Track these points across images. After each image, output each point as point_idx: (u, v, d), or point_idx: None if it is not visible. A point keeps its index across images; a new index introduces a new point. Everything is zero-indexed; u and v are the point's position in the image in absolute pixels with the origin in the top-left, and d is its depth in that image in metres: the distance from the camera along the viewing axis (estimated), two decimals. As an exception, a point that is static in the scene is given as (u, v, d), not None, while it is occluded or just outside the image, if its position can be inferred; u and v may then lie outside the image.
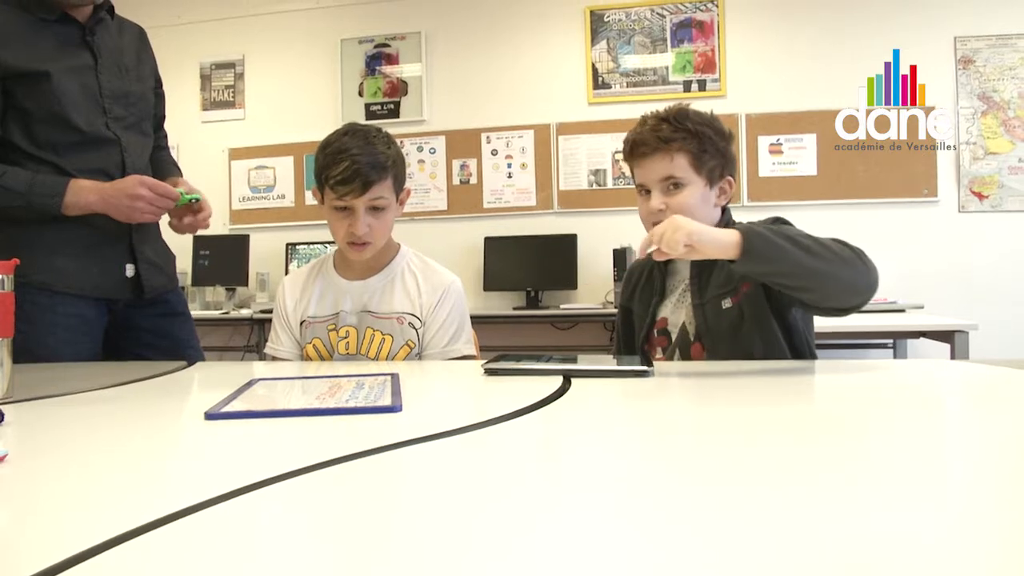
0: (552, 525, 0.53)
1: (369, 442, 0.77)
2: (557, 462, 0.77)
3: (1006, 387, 1.15)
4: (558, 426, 0.92)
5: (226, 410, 0.96)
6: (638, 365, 1.28)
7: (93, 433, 0.94)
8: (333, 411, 0.96)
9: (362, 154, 1.55)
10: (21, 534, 0.55)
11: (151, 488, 0.67)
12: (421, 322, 1.64)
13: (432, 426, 0.85)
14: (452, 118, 4.78)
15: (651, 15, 4.60)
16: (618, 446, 0.81)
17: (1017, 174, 4.26)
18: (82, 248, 1.72)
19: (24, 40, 1.68)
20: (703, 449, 0.77)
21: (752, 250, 1.24)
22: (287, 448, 0.81)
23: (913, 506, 0.55)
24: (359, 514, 0.58)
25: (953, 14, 4.30)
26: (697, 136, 1.54)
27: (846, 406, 1.05)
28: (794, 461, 0.71)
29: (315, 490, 0.64)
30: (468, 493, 0.63)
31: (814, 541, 0.48)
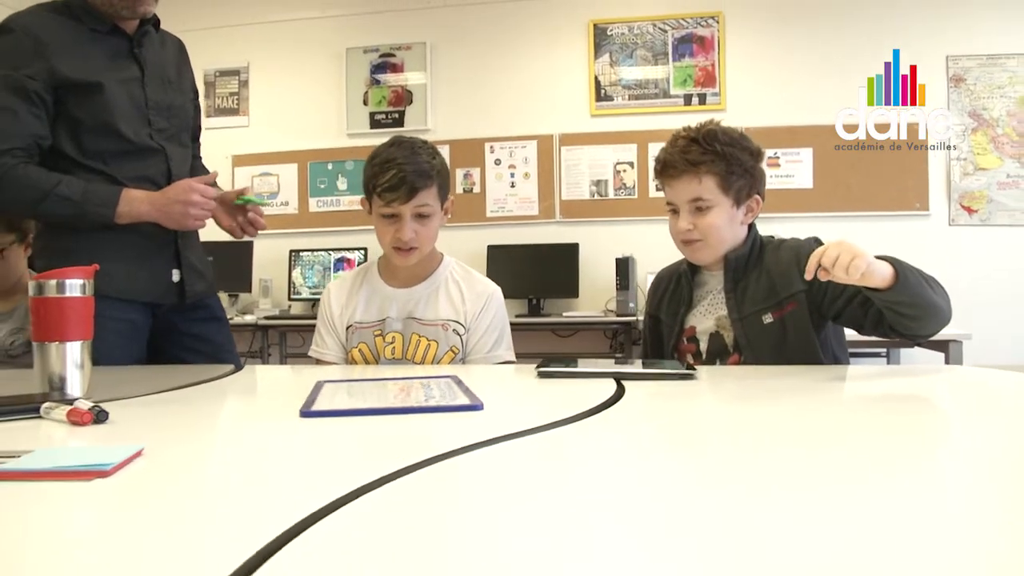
0: (663, 512, 0.60)
1: (466, 438, 0.84)
2: (644, 457, 0.84)
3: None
4: (631, 424, 1.00)
5: (318, 408, 1.02)
6: (682, 369, 1.36)
7: (201, 429, 1.00)
8: (419, 409, 1.03)
9: (408, 163, 1.62)
10: (204, 525, 0.62)
11: (300, 480, 0.73)
12: (465, 329, 1.71)
13: (514, 424, 0.92)
14: (456, 128, 4.85)
15: (653, 29, 4.70)
16: (692, 443, 0.89)
17: (1006, 189, 4.39)
18: (131, 254, 1.77)
19: (78, 51, 1.73)
20: (763, 449, 0.85)
21: (905, 283, 1.35)
22: (396, 443, 0.88)
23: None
24: (487, 502, 0.65)
25: (946, 34, 4.43)
26: (725, 158, 1.61)
27: (905, 410, 1.13)
28: (870, 465, 0.79)
29: (443, 480, 0.71)
30: (571, 485, 0.70)
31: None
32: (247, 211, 1.90)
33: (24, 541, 0.55)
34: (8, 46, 1.68)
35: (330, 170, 4.95)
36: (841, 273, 1.30)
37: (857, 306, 1.52)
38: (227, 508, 0.63)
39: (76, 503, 0.63)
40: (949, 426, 1.04)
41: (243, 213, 1.91)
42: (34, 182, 1.66)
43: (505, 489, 0.68)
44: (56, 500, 0.63)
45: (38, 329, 1.17)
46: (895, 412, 1.11)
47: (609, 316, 4.44)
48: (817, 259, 1.33)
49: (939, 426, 1.04)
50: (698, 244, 1.65)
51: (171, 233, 1.84)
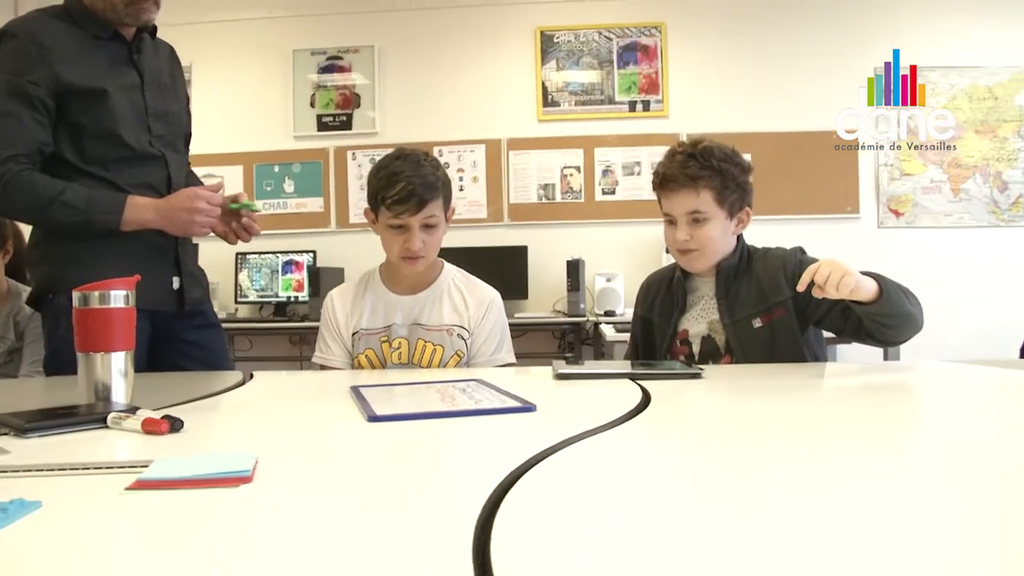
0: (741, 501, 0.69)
1: (536, 436, 0.90)
2: (707, 449, 0.92)
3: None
4: (679, 421, 1.08)
5: (383, 413, 1.06)
6: (688, 369, 1.46)
7: (277, 434, 1.03)
8: (479, 412, 1.09)
9: (415, 176, 1.67)
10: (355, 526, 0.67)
11: (449, 472, 0.79)
12: (469, 333, 1.77)
13: (571, 423, 0.98)
14: (405, 131, 4.87)
15: (599, 37, 4.82)
16: (744, 436, 0.97)
17: (929, 194, 4.68)
18: (134, 261, 1.75)
19: (81, 57, 1.72)
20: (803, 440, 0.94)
21: (888, 298, 1.50)
22: (489, 443, 0.94)
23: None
24: (600, 492, 0.72)
25: (874, 48, 4.68)
26: (721, 173, 1.72)
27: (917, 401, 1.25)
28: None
29: (554, 472, 0.77)
30: (654, 476, 0.77)
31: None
32: (241, 216, 1.91)
33: (237, 543, 0.59)
34: (11, 51, 1.66)
35: (277, 172, 4.90)
36: (832, 290, 1.45)
37: (838, 314, 1.66)
38: (407, 498, 0.68)
39: (253, 506, 0.67)
40: (952, 414, 1.16)
41: (237, 218, 1.92)
42: (39, 189, 1.64)
43: (627, 475, 0.75)
44: (230, 504, 0.67)
45: (83, 340, 1.18)
46: (916, 403, 1.23)
47: (558, 317, 4.55)
48: (810, 275, 1.47)
49: (948, 414, 1.15)
50: (695, 254, 1.75)
51: (171, 240, 1.84)
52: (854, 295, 1.47)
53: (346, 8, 4.91)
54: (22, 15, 1.76)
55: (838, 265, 1.46)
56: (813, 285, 1.47)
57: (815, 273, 1.45)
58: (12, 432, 0.98)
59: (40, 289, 1.77)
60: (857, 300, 1.50)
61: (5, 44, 1.67)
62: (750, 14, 4.76)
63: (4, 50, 1.67)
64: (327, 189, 4.88)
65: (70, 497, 0.69)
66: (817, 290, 1.46)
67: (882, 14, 4.71)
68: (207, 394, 1.36)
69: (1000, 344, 3.52)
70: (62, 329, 1.72)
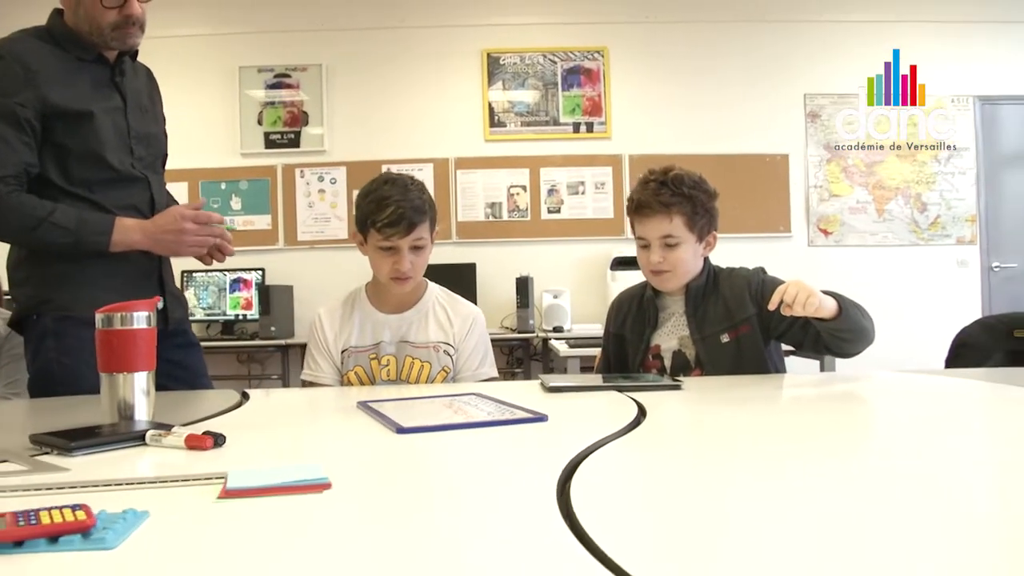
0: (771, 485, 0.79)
1: (568, 440, 0.99)
2: (720, 443, 1.02)
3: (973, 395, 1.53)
4: (681, 426, 1.18)
5: (411, 425, 1.13)
6: (668, 381, 1.58)
7: (318, 448, 1.09)
8: (497, 423, 1.17)
9: (404, 200, 1.74)
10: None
11: (502, 474, 0.86)
12: (455, 349, 1.84)
13: (587, 430, 1.07)
14: (353, 149, 4.91)
15: (543, 60, 4.96)
16: (747, 439, 1.08)
17: (856, 214, 4.96)
18: (121, 282, 1.77)
19: (66, 79, 1.73)
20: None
21: (847, 314, 1.65)
22: (525, 446, 1.02)
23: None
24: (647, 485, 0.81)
25: (803, 74, 4.95)
26: (691, 200, 1.84)
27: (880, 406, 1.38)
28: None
29: (601, 464, 0.86)
30: (682, 466, 0.87)
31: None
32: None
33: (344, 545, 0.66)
34: (1, 72, 1.65)
35: (223, 190, 4.87)
36: (799, 308, 1.59)
37: (798, 329, 1.80)
38: (484, 486, 0.75)
39: (346, 508, 0.74)
40: (914, 416, 1.29)
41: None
42: (28, 210, 1.65)
43: (661, 465, 0.84)
44: (322, 507, 0.73)
45: (106, 360, 1.21)
46: (880, 406, 1.36)
47: (507, 333, 4.64)
48: (780, 296, 1.60)
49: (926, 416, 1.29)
50: (667, 275, 1.86)
51: (155, 261, 1.86)
52: (818, 313, 1.60)
53: (293, 26, 4.93)
54: (6, 36, 1.76)
55: (804, 286, 1.59)
56: (782, 304, 1.60)
57: (784, 293, 1.59)
58: (55, 451, 1.01)
59: (25, 310, 1.76)
60: (819, 317, 1.64)
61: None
62: (688, 41, 4.97)
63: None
64: (275, 207, 4.88)
65: (170, 507, 0.74)
66: (786, 308, 1.59)
67: (809, 43, 4.97)
68: (212, 414, 1.39)
69: (922, 355, 3.76)
70: (50, 350, 1.73)
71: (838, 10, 4.95)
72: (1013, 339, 3.09)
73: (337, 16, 4.93)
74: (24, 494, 0.80)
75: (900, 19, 4.92)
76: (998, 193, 5.06)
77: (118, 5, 1.72)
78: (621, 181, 4.91)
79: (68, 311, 1.71)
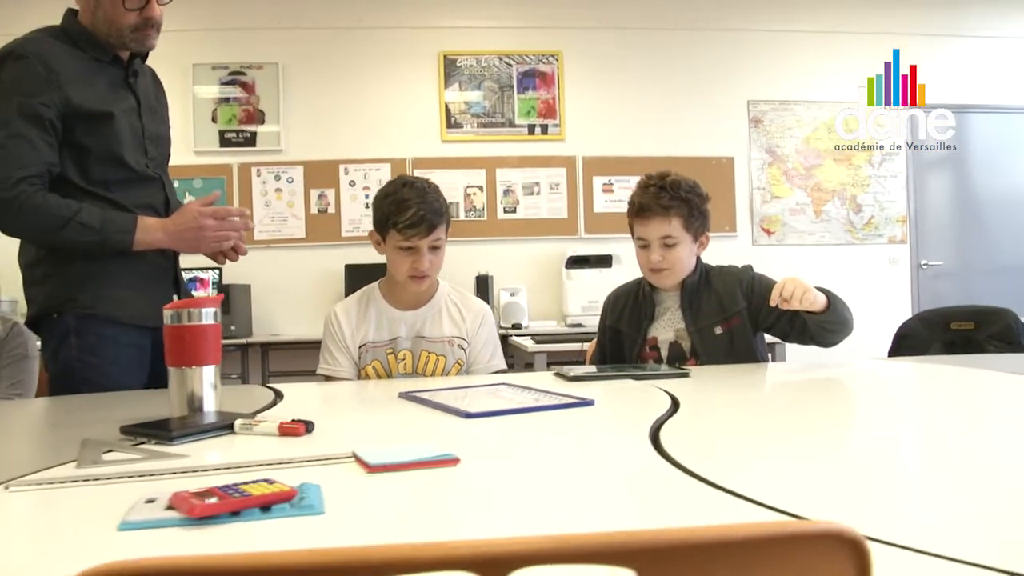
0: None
1: (631, 418, 1.10)
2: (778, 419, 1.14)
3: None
4: (714, 402, 1.30)
5: (477, 411, 1.22)
6: (676, 370, 1.71)
7: (403, 431, 1.17)
8: (552, 407, 1.26)
9: (423, 203, 1.82)
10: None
11: (591, 439, 0.96)
12: (468, 343, 1.93)
13: (638, 411, 1.19)
14: (311, 148, 4.92)
15: (499, 63, 5.06)
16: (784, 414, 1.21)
17: (796, 215, 5.21)
18: (140, 280, 1.80)
19: (87, 80, 1.75)
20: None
21: (835, 307, 1.79)
22: (592, 423, 1.12)
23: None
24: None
25: (747, 81, 5.18)
26: (687, 203, 1.98)
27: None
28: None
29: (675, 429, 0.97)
30: (740, 428, 0.99)
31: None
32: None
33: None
34: (22, 73, 1.67)
35: (177, 188, 4.78)
36: (796, 303, 1.73)
37: (785, 321, 1.95)
38: (585, 448, 0.85)
39: (483, 478, 0.82)
40: (910, 394, 1.44)
41: None
42: (54, 210, 1.66)
43: (725, 428, 0.95)
44: (463, 478, 0.82)
45: (176, 355, 1.25)
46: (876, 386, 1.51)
47: (466, 331, 4.71)
48: (779, 291, 1.75)
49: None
50: (666, 273, 1.99)
51: (170, 260, 1.89)
52: (812, 307, 1.75)
53: (248, 24, 4.90)
54: (24, 36, 1.76)
55: (800, 283, 1.74)
56: (782, 302, 1.75)
57: (783, 289, 1.73)
58: (153, 441, 1.06)
59: (45, 309, 1.75)
60: (810, 311, 1.78)
61: (13, 65, 1.67)
62: (639, 47, 5.14)
63: (13, 71, 1.67)
64: (231, 205, 4.84)
65: (331, 481, 0.81)
66: (784, 303, 1.73)
67: (753, 51, 5.20)
68: (259, 408, 1.44)
69: (860, 347, 3.99)
70: (72, 348, 1.74)
71: (781, 21, 5.19)
72: (949, 331, 3.34)
73: (293, 15, 4.93)
74: (172, 477, 0.86)
75: (836, 30, 5.20)
76: (925, 195, 5.40)
77: (139, 8, 1.75)
78: (575, 182, 5.05)
79: (91, 310, 1.73)
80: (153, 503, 0.70)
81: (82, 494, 0.80)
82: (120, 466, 0.92)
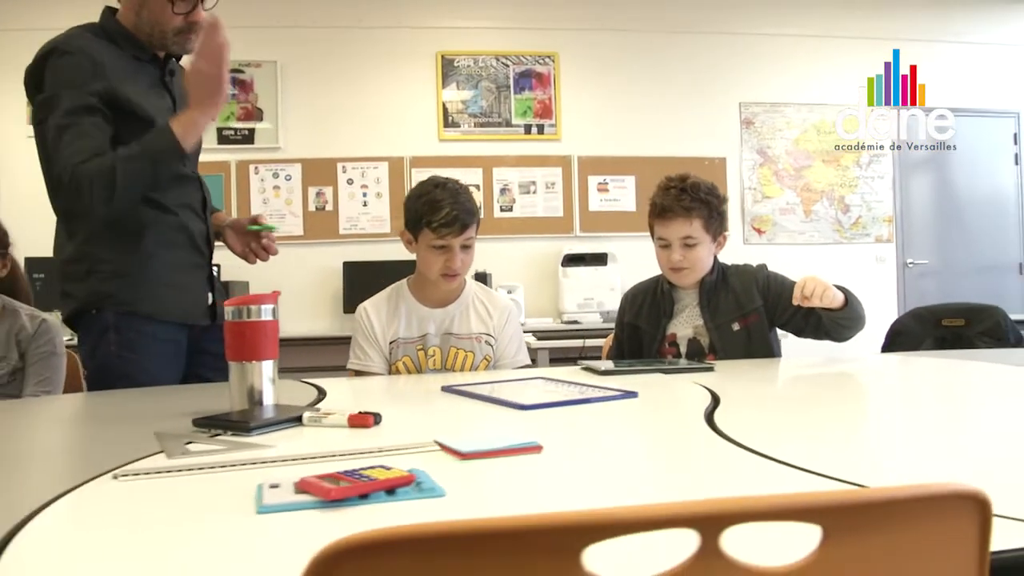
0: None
1: (677, 407, 1.17)
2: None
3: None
4: (752, 392, 1.37)
5: (531, 403, 1.28)
6: (701, 364, 1.78)
7: (468, 422, 1.22)
8: (599, 399, 1.33)
9: (456, 203, 1.88)
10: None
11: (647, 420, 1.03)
12: (495, 339, 1.99)
13: (682, 402, 1.26)
14: (309, 147, 4.94)
15: (496, 63, 5.11)
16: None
17: (786, 214, 5.31)
18: (179, 278, 1.84)
19: (130, 77, 1.77)
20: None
21: (851, 304, 1.86)
22: (645, 410, 1.18)
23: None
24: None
25: (739, 84, 5.27)
26: (707, 204, 2.05)
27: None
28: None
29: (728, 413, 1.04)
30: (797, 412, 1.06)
31: None
32: (260, 237, 2.02)
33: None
34: (69, 66, 1.67)
35: (175, 185, 4.80)
36: (817, 301, 1.81)
37: (800, 317, 2.02)
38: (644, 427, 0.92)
39: (567, 463, 0.89)
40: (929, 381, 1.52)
41: (256, 239, 2.02)
42: (97, 169, 1.61)
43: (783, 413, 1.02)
44: (548, 464, 0.88)
45: (237, 350, 1.30)
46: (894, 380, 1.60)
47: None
48: (800, 290, 1.83)
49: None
50: (686, 272, 2.06)
51: (208, 256, 1.93)
52: (832, 304, 1.82)
53: (246, 22, 4.89)
54: (65, 33, 1.77)
55: (820, 281, 1.82)
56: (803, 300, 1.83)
57: (803, 288, 1.80)
58: (230, 432, 1.11)
59: (84, 305, 1.78)
60: (828, 308, 1.86)
61: (59, 60, 1.68)
62: (634, 49, 5.21)
63: (61, 65, 1.68)
64: (228, 203, 4.85)
65: (430, 468, 0.86)
66: (805, 300, 1.80)
67: (745, 54, 5.29)
68: (310, 403, 1.47)
69: (851, 344, 4.10)
70: (111, 344, 1.78)
71: (773, 25, 5.29)
72: (941, 327, 3.45)
73: (292, 13, 4.95)
74: (275, 466, 0.91)
75: (826, 34, 5.30)
76: (910, 195, 5.52)
77: (186, 12, 1.78)
78: (570, 181, 5.12)
79: (131, 307, 1.76)
80: (278, 488, 0.76)
81: (195, 482, 0.85)
82: (213, 456, 0.97)
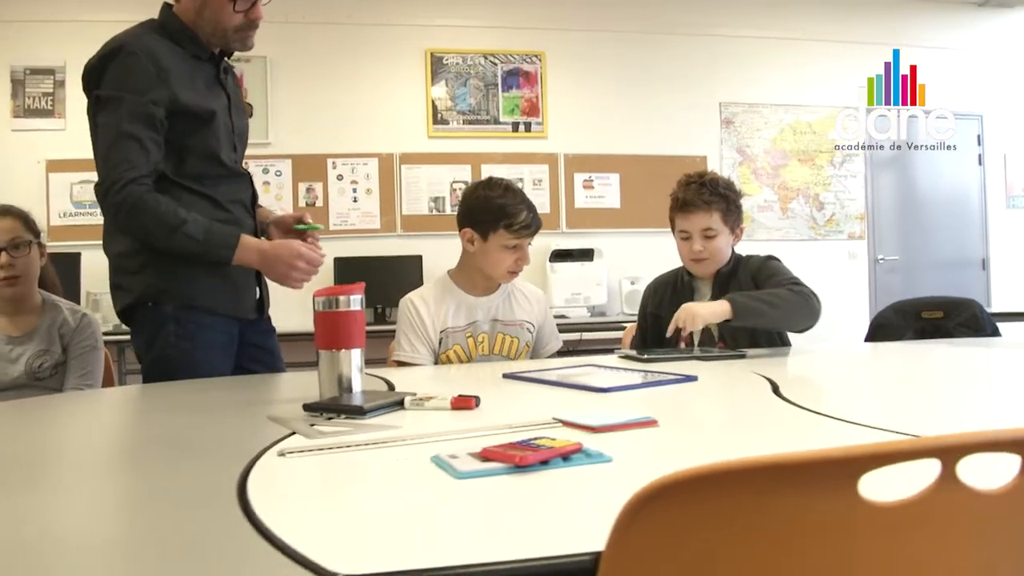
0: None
1: (748, 390, 1.28)
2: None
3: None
4: (825, 380, 1.49)
5: (610, 386, 1.37)
6: (734, 351, 1.90)
7: (560, 405, 1.31)
8: (666, 382, 1.44)
9: (530, 206, 2.05)
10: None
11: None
12: (535, 327, 2.10)
13: (738, 381, 1.37)
14: (298, 143, 4.96)
15: (484, 62, 5.19)
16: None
17: (764, 212, 5.49)
18: (232, 273, 1.88)
19: (191, 78, 1.81)
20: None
21: (739, 313, 1.92)
22: (715, 388, 1.29)
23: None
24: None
25: (719, 84, 5.43)
26: (725, 199, 2.17)
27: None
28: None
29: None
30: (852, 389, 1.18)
31: None
32: (305, 237, 2.06)
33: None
34: (133, 69, 1.71)
35: (165, 180, 4.79)
36: (691, 326, 1.91)
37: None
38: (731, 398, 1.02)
39: (686, 434, 0.98)
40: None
41: (301, 239, 2.07)
42: (164, 216, 1.70)
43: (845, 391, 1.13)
44: (671, 436, 0.98)
45: (327, 339, 1.36)
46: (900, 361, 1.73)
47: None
48: (675, 324, 1.94)
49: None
50: (706, 262, 2.17)
51: (255, 254, 1.97)
52: (711, 321, 1.94)
53: (235, 18, 4.91)
54: (128, 31, 1.79)
55: (689, 310, 1.92)
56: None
57: (677, 321, 1.93)
58: (344, 416, 1.19)
59: (141, 298, 1.81)
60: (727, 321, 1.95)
61: (124, 61, 1.71)
62: (619, 49, 5.34)
63: (125, 67, 1.71)
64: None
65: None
66: (683, 329, 1.92)
67: (725, 56, 5.45)
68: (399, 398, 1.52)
69: (828, 336, 4.27)
70: (170, 335, 1.82)
71: (753, 27, 5.46)
72: (921, 319, 3.63)
73: (282, 9, 4.92)
74: (412, 443, 0.98)
75: (805, 37, 5.49)
76: (880, 194, 5.74)
77: (246, 10, 1.82)
78: (557, 178, 5.22)
79: (189, 300, 1.80)
80: (457, 459, 0.84)
81: (359, 456, 0.93)
82: (353, 436, 1.04)
